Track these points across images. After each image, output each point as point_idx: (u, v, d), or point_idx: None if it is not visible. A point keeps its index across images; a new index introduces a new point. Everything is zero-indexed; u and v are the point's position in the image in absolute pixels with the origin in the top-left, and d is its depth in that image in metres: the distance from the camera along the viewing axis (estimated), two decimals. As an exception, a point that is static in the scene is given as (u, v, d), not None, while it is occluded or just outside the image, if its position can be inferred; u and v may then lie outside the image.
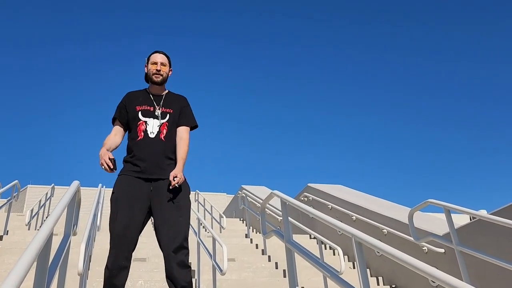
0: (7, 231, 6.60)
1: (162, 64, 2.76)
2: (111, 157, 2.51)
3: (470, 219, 4.63)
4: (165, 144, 2.65)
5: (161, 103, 2.76)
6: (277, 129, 35.07)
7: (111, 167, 2.50)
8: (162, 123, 2.69)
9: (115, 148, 2.72)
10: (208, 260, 4.90)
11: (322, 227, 6.75)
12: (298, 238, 6.39)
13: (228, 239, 6.49)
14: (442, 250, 4.28)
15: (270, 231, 3.34)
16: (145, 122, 2.67)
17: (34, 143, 32.35)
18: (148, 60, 2.80)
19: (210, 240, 5.18)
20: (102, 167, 2.49)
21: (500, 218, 3.04)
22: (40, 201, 8.65)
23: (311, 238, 6.78)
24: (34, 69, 31.66)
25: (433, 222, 4.77)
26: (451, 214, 3.57)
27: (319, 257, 4.60)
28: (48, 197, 9.41)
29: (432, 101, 32.37)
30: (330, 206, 6.77)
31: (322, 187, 7.55)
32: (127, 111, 2.74)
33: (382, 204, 6.06)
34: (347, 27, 34.96)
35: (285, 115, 34.57)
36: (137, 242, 2.50)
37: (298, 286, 2.66)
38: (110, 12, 32.86)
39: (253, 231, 8.48)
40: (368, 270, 5.44)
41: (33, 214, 7.55)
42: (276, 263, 5.34)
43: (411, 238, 4.25)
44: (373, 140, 34.61)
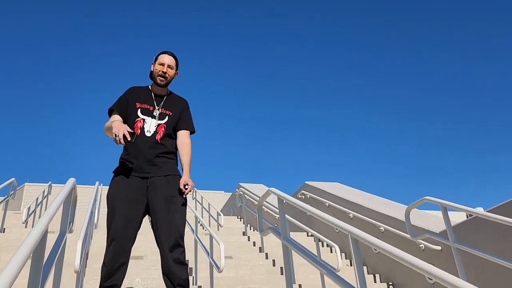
0: (4, 229, 6.60)
1: (169, 67, 2.73)
2: (129, 130, 2.41)
3: (467, 217, 4.64)
4: (161, 145, 2.66)
5: (161, 104, 2.76)
6: (275, 126, 35.08)
7: (129, 139, 2.36)
8: (159, 124, 2.69)
9: None
10: (205, 258, 4.90)
11: (319, 224, 6.76)
12: (295, 236, 6.40)
13: (225, 236, 6.49)
14: (439, 248, 4.29)
15: (267, 229, 3.33)
16: (143, 120, 2.67)
17: (31, 141, 32.27)
18: (156, 59, 2.77)
19: (208, 238, 5.18)
20: (116, 138, 2.36)
21: (497, 215, 3.05)
22: (37, 199, 8.65)
23: (308, 235, 6.79)
24: (32, 67, 31.57)
25: (430, 220, 4.78)
26: (448, 212, 3.58)
27: (316, 254, 4.60)
28: (45, 195, 9.41)
29: (430, 98, 32.42)
30: (327, 203, 6.78)
31: (319, 184, 7.55)
32: (128, 105, 2.73)
33: (379, 201, 6.07)
34: (345, 26, 34.99)
35: (283, 113, 34.56)
36: (136, 239, 2.51)
37: (295, 283, 2.66)
38: (109, 12, 32.79)
39: (250, 229, 8.48)
40: (365, 268, 5.46)
41: (30, 212, 7.55)
42: (274, 261, 5.35)
43: (408, 236, 4.26)
44: (372, 138, 34.65)
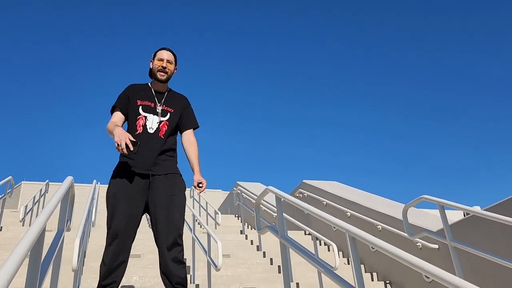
0: (1, 227, 6.58)
1: (168, 62, 2.74)
2: (132, 139, 2.35)
3: (464, 215, 4.66)
4: (164, 142, 2.65)
5: (162, 101, 2.75)
6: (273, 125, 35.03)
7: (131, 149, 2.30)
8: (162, 121, 2.68)
9: None
10: (203, 256, 4.90)
11: (317, 223, 6.77)
12: (293, 234, 6.40)
13: (223, 235, 6.50)
14: (436, 246, 4.30)
15: (264, 227, 3.33)
16: (145, 117, 2.66)
17: (29, 140, 32.16)
18: (154, 56, 2.78)
19: (205, 236, 5.17)
20: (119, 147, 2.31)
21: (494, 214, 3.06)
22: (35, 198, 8.63)
23: (306, 234, 6.80)
24: (30, 65, 31.45)
25: (427, 218, 4.79)
26: (445, 210, 3.59)
27: (314, 253, 4.61)
28: (42, 193, 9.40)
29: (431, 95, 32.37)
30: (325, 202, 6.78)
31: (317, 183, 7.55)
32: (129, 102, 2.72)
33: (376, 200, 6.08)
34: (344, 22, 34.94)
35: (282, 111, 34.55)
36: (135, 237, 2.51)
37: (292, 281, 2.66)
38: (107, 9, 32.68)
39: (248, 227, 8.49)
40: (362, 266, 5.47)
41: (27, 210, 7.54)
42: (271, 259, 5.35)
43: (405, 234, 4.27)
44: (371, 138, 34.67)
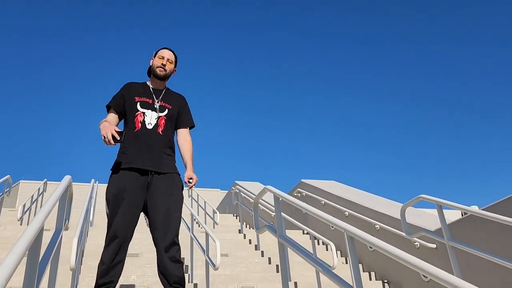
0: (-1, 226, 6.56)
1: (168, 61, 2.79)
2: (117, 129, 2.43)
3: (462, 215, 4.67)
4: (163, 138, 2.67)
5: (160, 97, 2.78)
6: (272, 125, 35.08)
7: (118, 139, 2.38)
8: (160, 117, 2.70)
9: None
10: (201, 256, 4.90)
11: (315, 222, 6.78)
12: (291, 234, 6.41)
13: (221, 234, 6.50)
14: (434, 245, 4.31)
15: (263, 226, 3.34)
16: (143, 113, 2.68)
17: (27, 138, 32.11)
18: (155, 54, 2.82)
19: (204, 236, 5.17)
20: (105, 139, 2.39)
21: (491, 213, 3.06)
22: (32, 197, 8.62)
23: (304, 233, 6.80)
24: (28, 64, 31.38)
25: (425, 218, 4.80)
26: (443, 210, 3.60)
27: (312, 252, 4.62)
28: (40, 192, 9.37)
29: (432, 92, 32.35)
30: (323, 202, 6.79)
31: (315, 182, 7.56)
32: (124, 101, 2.73)
33: (374, 199, 6.09)
34: (343, 17, 34.88)
35: (281, 112, 34.61)
36: (133, 236, 2.53)
37: (290, 281, 2.67)
38: (106, 6, 32.60)
39: (246, 227, 8.50)
40: (360, 265, 5.48)
41: (25, 209, 7.52)
42: (269, 258, 5.36)
43: (403, 234, 4.27)
44: (370, 137, 34.76)
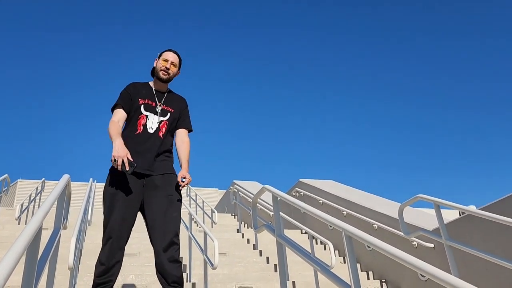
0: (-3, 225, 6.55)
1: (172, 64, 2.77)
2: (129, 158, 2.38)
3: (460, 214, 4.68)
4: (163, 142, 2.68)
5: (162, 100, 2.78)
6: (270, 125, 35.10)
7: (127, 169, 2.33)
8: (162, 121, 2.70)
9: None
10: (199, 255, 4.91)
11: (313, 222, 6.78)
12: (289, 233, 6.42)
13: (219, 234, 6.50)
14: (432, 245, 4.32)
15: (261, 226, 3.34)
16: (146, 116, 2.67)
17: (25, 138, 32.07)
18: (160, 55, 2.81)
19: (202, 235, 5.19)
20: (116, 163, 2.34)
21: (489, 213, 3.07)
22: (31, 196, 8.61)
23: (302, 233, 6.81)
24: (26, 62, 31.30)
25: (423, 217, 4.81)
26: (441, 210, 3.61)
27: (310, 251, 4.62)
28: (38, 191, 9.37)
29: (435, 90, 32.35)
30: (321, 201, 6.80)
31: (313, 182, 7.57)
32: (131, 101, 2.72)
33: (372, 199, 6.10)
34: (343, 12, 34.84)
35: (280, 111, 34.61)
36: (129, 236, 2.53)
37: (289, 280, 2.67)
38: (105, 5, 32.53)
39: (244, 226, 8.50)
40: (358, 265, 5.48)
41: (23, 208, 7.52)
42: (268, 258, 5.36)
43: (401, 233, 4.29)
44: (369, 136, 34.79)
